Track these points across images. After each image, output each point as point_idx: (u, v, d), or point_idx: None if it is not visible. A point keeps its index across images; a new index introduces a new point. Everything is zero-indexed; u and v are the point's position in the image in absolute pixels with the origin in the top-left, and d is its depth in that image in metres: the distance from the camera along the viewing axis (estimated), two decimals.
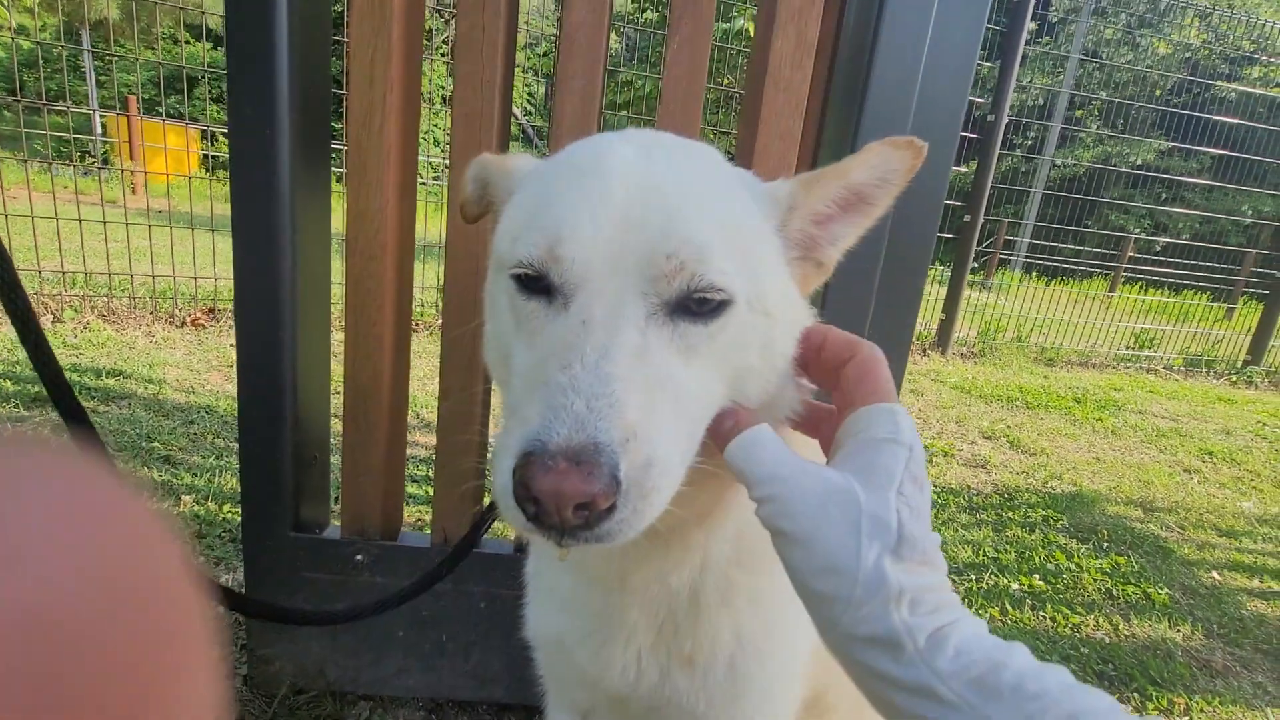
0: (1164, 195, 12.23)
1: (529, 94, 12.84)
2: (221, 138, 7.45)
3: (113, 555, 0.22)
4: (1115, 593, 2.24)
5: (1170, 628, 2.08)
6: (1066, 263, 8.39)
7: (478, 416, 1.31)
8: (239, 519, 2.07)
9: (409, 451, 2.73)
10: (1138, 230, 11.09)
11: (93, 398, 2.80)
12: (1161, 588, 2.28)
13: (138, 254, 4.35)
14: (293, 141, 1.15)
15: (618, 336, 0.51)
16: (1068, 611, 2.10)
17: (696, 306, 0.55)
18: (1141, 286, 8.27)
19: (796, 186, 0.66)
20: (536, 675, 0.93)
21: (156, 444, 2.49)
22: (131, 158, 6.32)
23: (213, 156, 6.31)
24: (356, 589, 1.33)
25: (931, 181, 1.25)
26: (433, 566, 1.15)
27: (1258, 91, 9.73)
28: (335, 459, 1.40)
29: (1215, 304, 7.76)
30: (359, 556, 1.32)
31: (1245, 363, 6.57)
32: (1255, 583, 2.42)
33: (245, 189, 1.17)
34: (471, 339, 1.24)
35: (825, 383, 0.62)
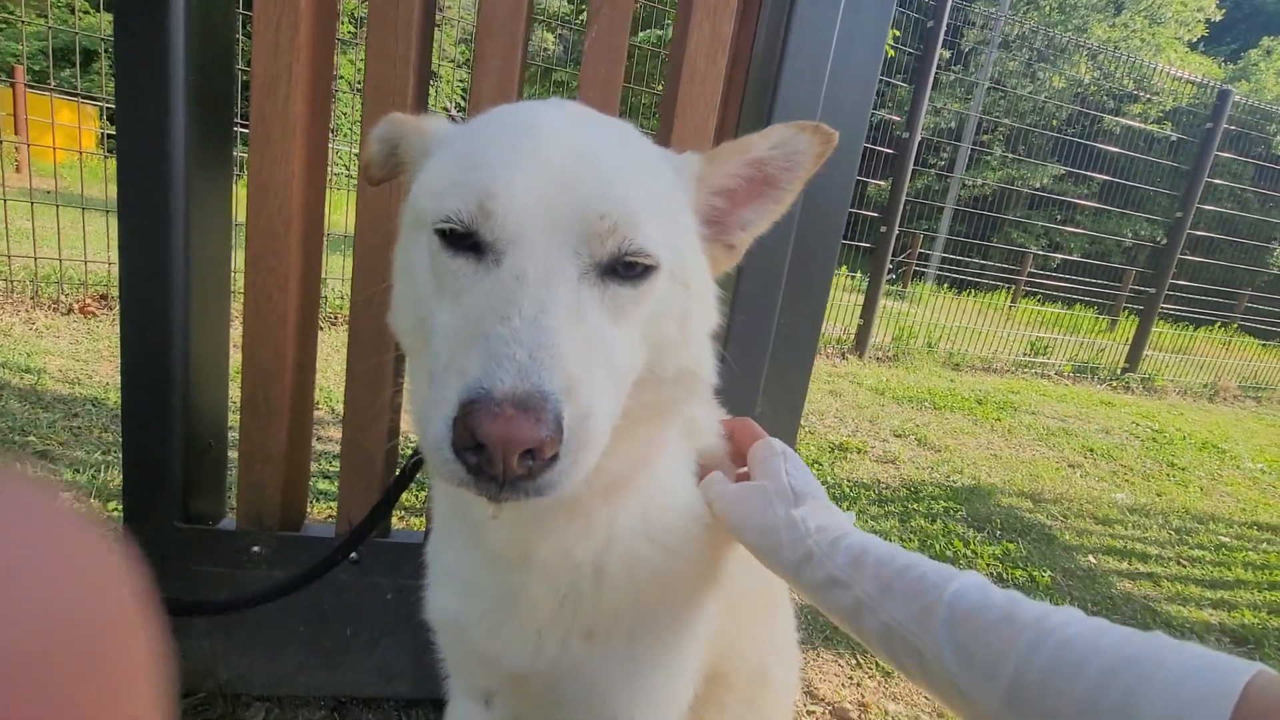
0: (1059, 216, 13.29)
1: (463, 89, 12.57)
2: None
3: (63, 585, 0.21)
4: (1005, 576, 2.41)
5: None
6: (974, 276, 8.96)
7: (387, 401, 1.28)
8: None
9: (323, 447, 2.63)
10: (1036, 248, 11.97)
11: None
12: (1045, 571, 2.47)
13: (19, 235, 3.97)
14: (189, 111, 1.09)
15: (554, 293, 0.51)
16: None
17: (624, 270, 0.56)
18: (1039, 299, 8.95)
19: (702, 160, 0.68)
20: (439, 660, 0.92)
21: (32, 438, 2.28)
22: (17, 132, 5.76)
23: (112, 136, 5.83)
24: (252, 583, 1.26)
25: (838, 182, 1.32)
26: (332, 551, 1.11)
27: (1138, 125, 10.70)
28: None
29: (1101, 316, 8.50)
30: (256, 548, 1.25)
31: (1124, 369, 7.22)
32: (1124, 565, 2.66)
33: (133, 158, 1.10)
34: (380, 315, 1.21)
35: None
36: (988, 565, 2.46)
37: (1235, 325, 9.10)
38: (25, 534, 0.21)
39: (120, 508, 1.94)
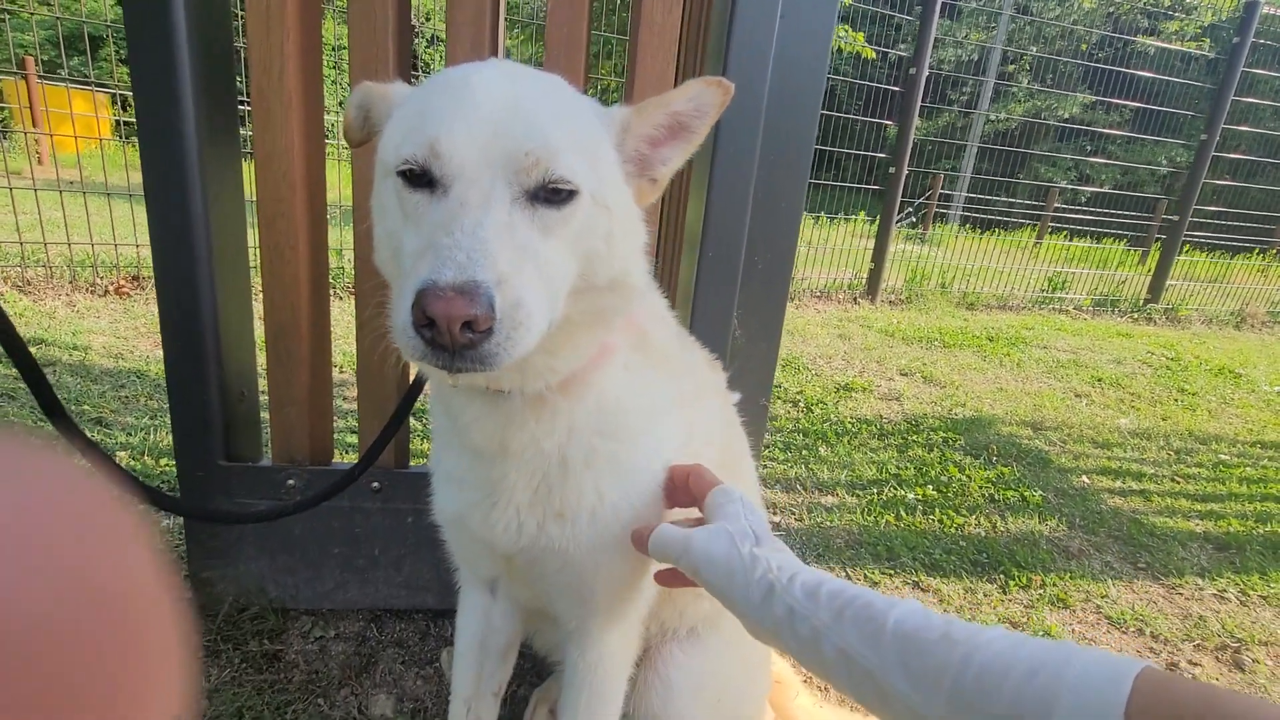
0: (1089, 148, 12.82)
1: None
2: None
3: (82, 552, 0.21)
4: (997, 497, 2.53)
5: (1040, 523, 2.37)
6: (1000, 216, 8.75)
7: (393, 349, 1.42)
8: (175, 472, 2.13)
9: (350, 405, 2.82)
10: (1065, 181, 11.60)
11: (14, 366, 2.76)
12: (1036, 491, 2.58)
13: (50, 225, 4.18)
14: (196, 86, 1.21)
15: (489, 213, 0.64)
16: (953, 514, 2.36)
17: (550, 196, 0.68)
18: (1066, 235, 8.74)
19: (630, 112, 0.79)
20: (448, 554, 1.07)
21: (86, 406, 2.49)
22: (35, 124, 5.92)
23: (127, 123, 5.95)
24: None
25: (801, 117, 1.39)
26: (365, 484, 1.26)
27: (1174, 47, 10.17)
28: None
29: (1132, 249, 8.30)
30: (291, 481, 1.42)
31: (1145, 301, 7.11)
32: (1118, 484, 2.75)
33: (152, 136, 1.22)
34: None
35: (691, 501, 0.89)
36: (980, 488, 2.57)
37: (1275, 251, 8.77)
38: (43, 501, 0.21)
39: (171, 463, 2.15)
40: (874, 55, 7.58)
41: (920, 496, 2.47)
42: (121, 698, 0.21)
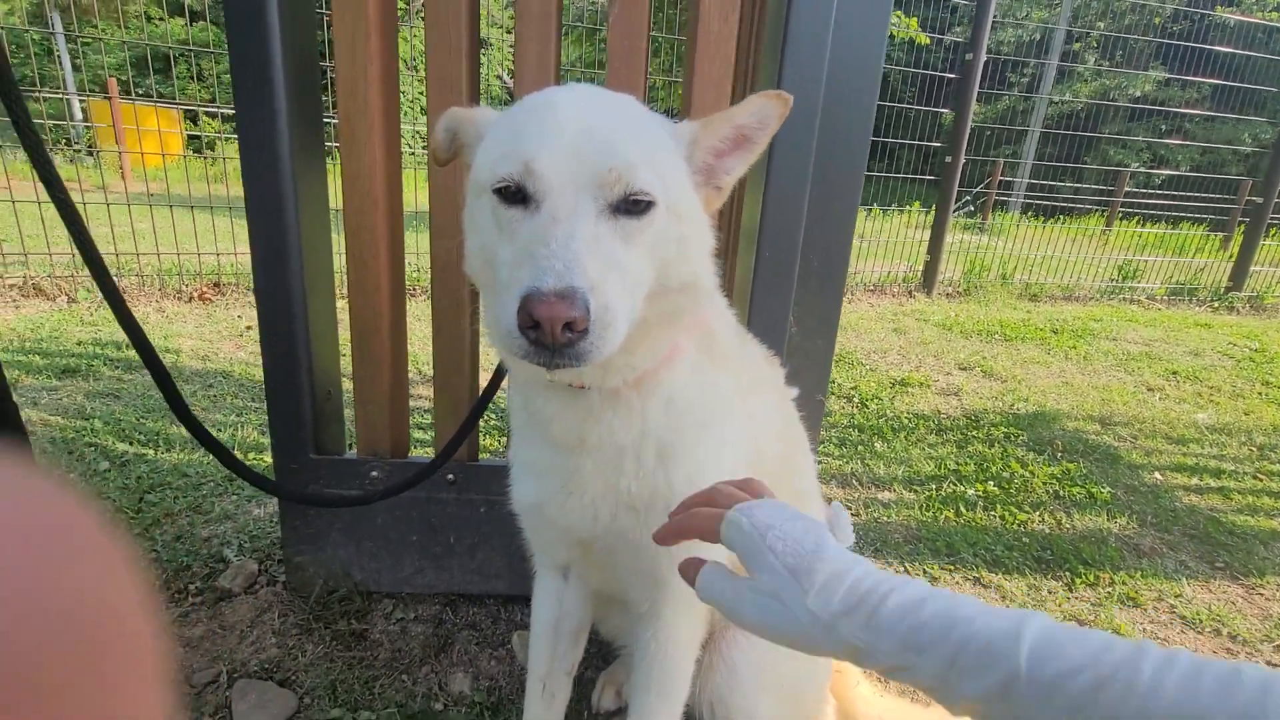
0: (1163, 127, 12.11)
1: (513, 51, 12.68)
2: (205, 117, 7.46)
3: (54, 570, 0.20)
4: (1062, 494, 2.46)
5: (1108, 520, 2.31)
6: (1065, 202, 8.37)
7: (468, 350, 1.51)
8: (263, 464, 2.29)
9: (415, 403, 2.96)
10: (1136, 164, 11.01)
11: (117, 368, 3.02)
12: (1105, 488, 2.50)
13: (139, 235, 4.51)
14: (290, 109, 1.31)
15: (579, 227, 0.71)
16: (1016, 510, 2.32)
17: (630, 207, 0.74)
18: (1139, 220, 8.31)
19: (697, 126, 0.84)
20: (525, 543, 1.14)
21: None
22: (117, 142, 6.35)
23: (198, 137, 6.30)
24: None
25: (857, 118, 1.40)
26: (441, 475, 1.36)
27: (1255, 20, 9.53)
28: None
29: (1213, 234, 7.82)
30: (374, 473, 1.53)
31: (1227, 288, 6.70)
32: (1194, 480, 2.64)
33: (253, 156, 1.33)
34: (456, 281, 1.42)
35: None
36: (1044, 485, 2.51)
37: None
38: (9, 516, 0.21)
39: (263, 458, 2.32)
40: (928, 41, 7.39)
41: (981, 492, 2.44)
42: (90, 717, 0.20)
